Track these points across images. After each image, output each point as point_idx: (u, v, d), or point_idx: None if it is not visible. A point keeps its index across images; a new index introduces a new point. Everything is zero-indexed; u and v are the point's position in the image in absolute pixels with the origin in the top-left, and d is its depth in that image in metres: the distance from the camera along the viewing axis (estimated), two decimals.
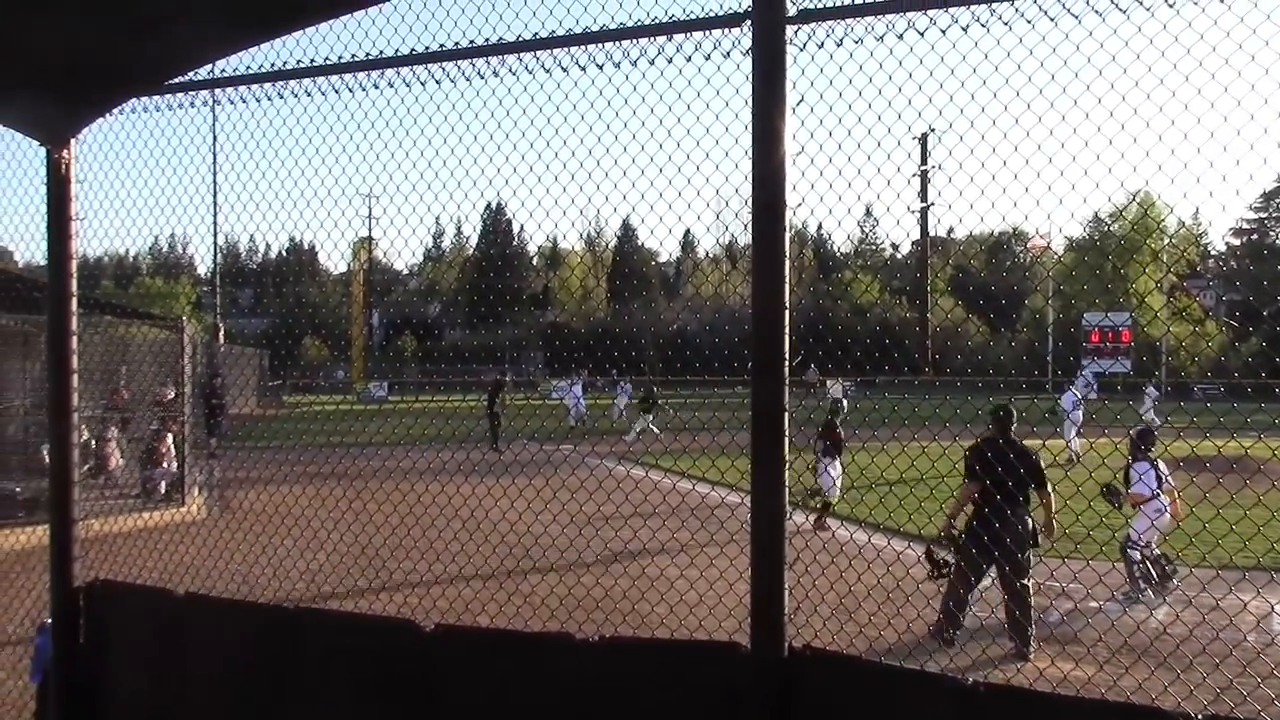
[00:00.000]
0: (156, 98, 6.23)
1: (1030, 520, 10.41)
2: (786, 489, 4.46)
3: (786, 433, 4.45)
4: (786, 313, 4.41)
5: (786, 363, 4.45)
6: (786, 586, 4.48)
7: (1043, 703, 4.16)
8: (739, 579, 5.01)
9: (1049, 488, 10.47)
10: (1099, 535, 10.79)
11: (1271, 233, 78.10)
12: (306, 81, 5.67)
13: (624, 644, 5.20)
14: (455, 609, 7.23)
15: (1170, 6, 3.90)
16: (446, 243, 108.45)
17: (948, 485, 11.64)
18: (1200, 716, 3.66)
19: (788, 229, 4.43)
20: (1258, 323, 48.30)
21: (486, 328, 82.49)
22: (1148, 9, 3.93)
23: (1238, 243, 76.99)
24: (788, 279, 4.44)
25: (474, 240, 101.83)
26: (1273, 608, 9.98)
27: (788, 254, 4.44)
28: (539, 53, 5.11)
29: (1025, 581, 10.25)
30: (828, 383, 42.50)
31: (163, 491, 19.12)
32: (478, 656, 5.24)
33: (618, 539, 6.94)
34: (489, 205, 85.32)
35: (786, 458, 4.45)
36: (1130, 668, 8.03)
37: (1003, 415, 10.96)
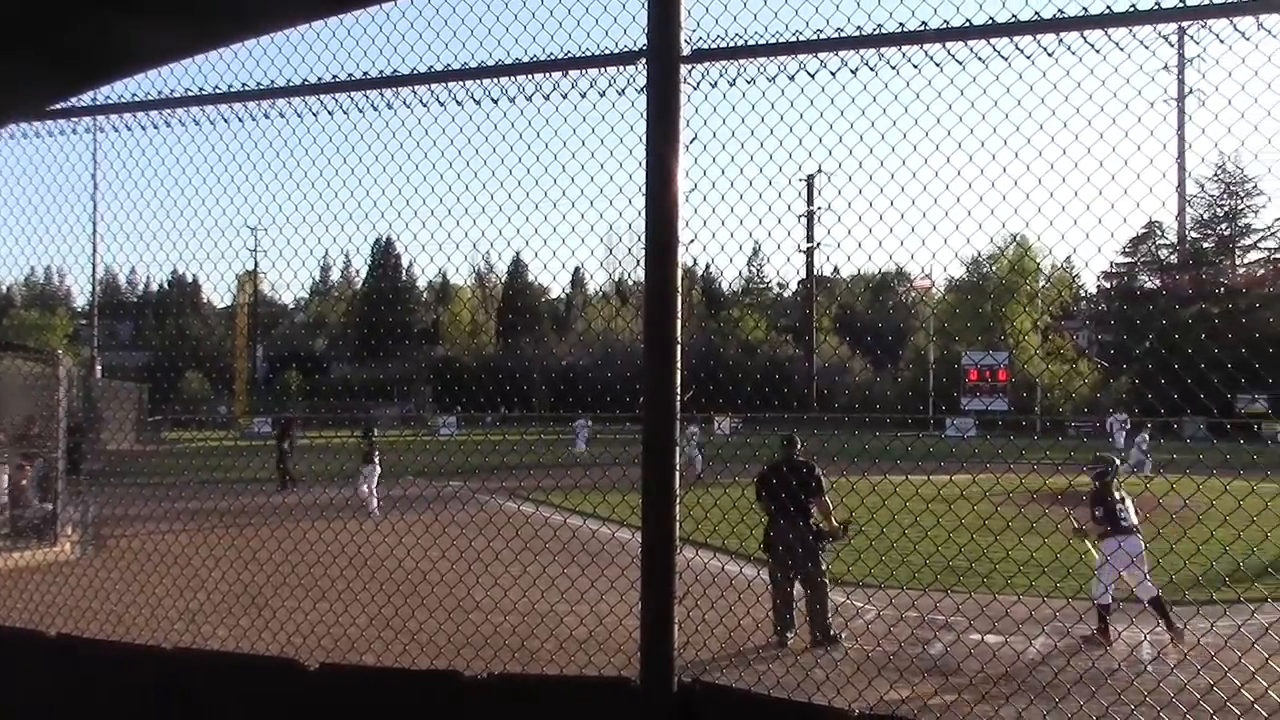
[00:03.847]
0: (38, 123, 6.06)
1: (817, 527, 11.45)
2: (676, 523, 4.49)
3: (677, 467, 4.48)
4: (679, 349, 4.45)
5: (678, 399, 4.49)
6: (676, 620, 4.49)
7: None
8: (629, 614, 5.00)
9: (825, 497, 11.50)
10: (980, 568, 11.02)
11: (1141, 275, 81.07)
12: (195, 110, 5.57)
13: (512, 680, 5.16)
14: (340, 647, 7.09)
15: (1049, 56, 4.06)
16: (335, 276, 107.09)
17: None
18: None
19: (680, 265, 4.48)
20: (1129, 361, 50.05)
21: (376, 362, 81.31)
22: (1028, 58, 4.08)
23: (1109, 285, 79.74)
24: (679, 315, 4.48)
25: (363, 274, 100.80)
26: (1144, 637, 10.29)
27: (680, 290, 4.48)
28: (433, 86, 5.10)
29: (822, 579, 11.31)
30: (715, 418, 42.71)
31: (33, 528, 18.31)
32: (363, 695, 5.15)
33: (507, 575, 6.88)
34: (378, 239, 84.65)
35: (676, 492, 4.48)
36: (1010, 697, 8.21)
37: (787, 441, 12.09)
